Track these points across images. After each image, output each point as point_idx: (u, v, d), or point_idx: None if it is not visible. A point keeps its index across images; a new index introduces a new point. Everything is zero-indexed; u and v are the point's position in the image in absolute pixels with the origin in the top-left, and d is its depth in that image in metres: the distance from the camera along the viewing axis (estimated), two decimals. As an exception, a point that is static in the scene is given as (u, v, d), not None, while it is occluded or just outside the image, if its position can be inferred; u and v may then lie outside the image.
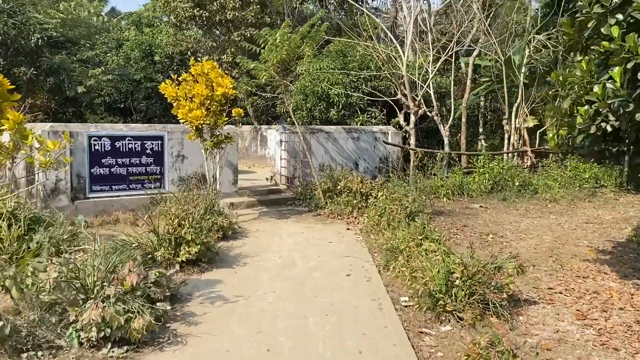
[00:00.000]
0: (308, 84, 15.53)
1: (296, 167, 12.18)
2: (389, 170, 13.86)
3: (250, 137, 19.30)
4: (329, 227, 9.67)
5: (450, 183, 13.93)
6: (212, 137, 9.41)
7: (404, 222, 8.40)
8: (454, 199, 13.32)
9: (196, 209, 7.64)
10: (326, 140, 12.72)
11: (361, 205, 10.52)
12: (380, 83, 15.72)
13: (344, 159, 13.06)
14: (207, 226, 7.93)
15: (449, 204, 12.66)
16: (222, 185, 11.14)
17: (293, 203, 11.67)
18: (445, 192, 13.30)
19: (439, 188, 13.53)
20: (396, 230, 8.03)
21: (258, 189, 11.93)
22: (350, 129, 13.35)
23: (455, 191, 13.87)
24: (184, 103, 9.11)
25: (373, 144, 13.62)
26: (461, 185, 14.12)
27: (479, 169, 14.83)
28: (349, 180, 10.94)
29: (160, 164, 10.41)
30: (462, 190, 14.04)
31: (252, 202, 11.21)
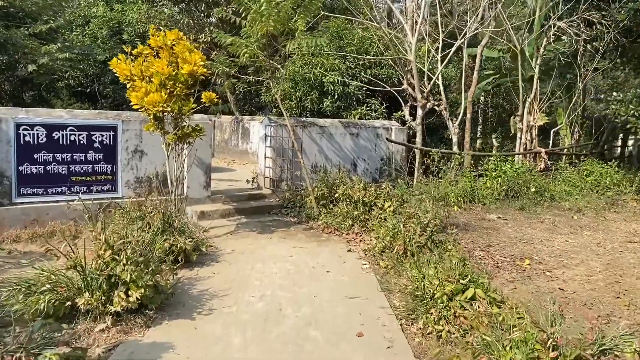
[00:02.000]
0: (299, 69, 13.39)
1: (283, 167, 10.09)
2: (392, 172, 11.85)
3: (231, 129, 17.13)
4: (325, 246, 7.61)
5: (460, 188, 11.99)
6: (176, 128, 7.27)
7: (426, 248, 6.39)
8: (465, 207, 11.38)
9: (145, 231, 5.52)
10: (320, 136, 10.65)
11: (364, 217, 8.49)
12: (382, 71, 13.66)
13: (340, 158, 11.00)
14: (162, 251, 5.81)
15: (461, 214, 10.71)
16: (191, 189, 9.01)
17: (279, 212, 9.58)
18: (456, 198, 11.39)
19: (448, 194, 11.62)
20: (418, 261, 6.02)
21: (236, 194, 9.81)
22: (349, 123, 11.28)
23: (466, 197, 11.94)
24: (139, 84, 6.95)
25: (374, 142, 11.59)
26: (472, 190, 12.19)
27: (491, 172, 12.92)
28: (348, 186, 8.89)
29: (112, 161, 8.24)
30: (474, 197, 12.12)
31: (229, 210, 9.09)
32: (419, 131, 11.93)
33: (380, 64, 13.92)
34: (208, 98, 7.10)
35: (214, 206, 9.12)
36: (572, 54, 15.85)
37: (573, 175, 14.26)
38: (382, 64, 13.88)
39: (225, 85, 9.57)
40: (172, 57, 7.15)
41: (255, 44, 8.56)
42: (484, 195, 12.30)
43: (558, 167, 15.03)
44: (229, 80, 8.98)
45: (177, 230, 6.48)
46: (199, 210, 8.76)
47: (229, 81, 9.05)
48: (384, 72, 13.61)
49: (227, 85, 9.51)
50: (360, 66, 13.58)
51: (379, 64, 13.90)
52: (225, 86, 9.57)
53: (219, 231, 8.22)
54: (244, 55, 8.07)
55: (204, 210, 8.80)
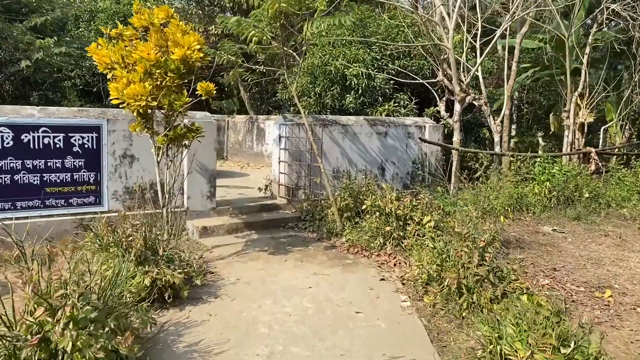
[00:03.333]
0: (318, 62, 11.93)
1: (300, 173, 8.64)
2: (425, 177, 10.31)
3: (245, 130, 15.76)
4: (352, 272, 6.13)
5: (505, 195, 10.39)
6: (168, 128, 5.87)
7: (487, 282, 4.87)
8: (512, 217, 9.80)
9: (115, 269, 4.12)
10: (342, 136, 9.17)
11: (397, 234, 6.99)
12: (411, 62, 12.12)
13: (366, 162, 9.50)
14: (138, 290, 4.42)
15: (510, 226, 9.15)
16: (192, 200, 7.62)
17: (296, 226, 8.13)
18: (502, 207, 9.83)
19: (493, 202, 10.07)
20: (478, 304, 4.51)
21: (247, 204, 8.39)
22: (375, 121, 9.78)
23: (513, 206, 10.35)
24: (120, 73, 5.58)
25: (405, 142, 10.06)
26: (520, 197, 10.59)
27: (539, 176, 11.28)
28: (378, 196, 7.39)
29: (95, 168, 6.89)
30: (521, 205, 10.53)
31: (237, 224, 7.67)
32: (457, 129, 10.36)
33: (410, 54, 12.38)
34: (204, 89, 5.68)
35: (220, 220, 7.71)
36: (626, 42, 14.09)
37: (628, 177, 12.56)
38: (412, 54, 12.34)
39: (231, 76, 8.05)
40: (162, 40, 5.76)
41: (267, 27, 7.13)
42: (532, 203, 10.70)
43: (609, 168, 13.31)
44: (234, 71, 7.50)
45: (165, 257, 5.07)
46: (200, 226, 7.36)
47: (234, 71, 7.57)
48: (414, 63, 12.07)
49: (233, 76, 8.00)
50: (387, 57, 12.06)
51: (408, 54, 12.36)
52: (230, 77, 8.05)
53: (224, 251, 6.81)
54: (251, 38, 6.62)
55: (207, 226, 7.39)
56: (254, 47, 7.44)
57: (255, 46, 7.40)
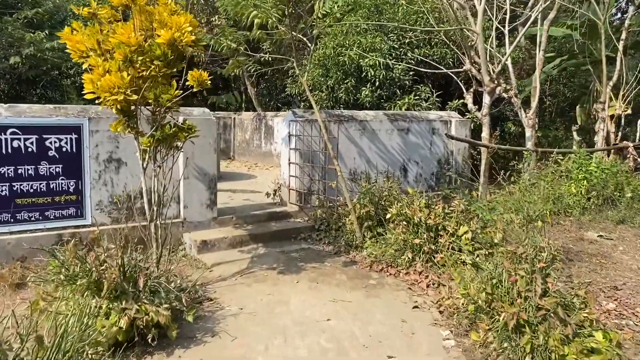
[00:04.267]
0: (330, 52, 10.90)
1: (314, 176, 7.62)
2: (452, 178, 9.25)
3: (252, 128, 14.78)
4: (378, 297, 5.12)
5: (541, 197, 9.31)
6: (154, 127, 4.89)
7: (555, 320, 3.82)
8: (550, 221, 8.71)
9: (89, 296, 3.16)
10: (360, 134, 8.14)
11: (428, 248, 5.96)
12: (432, 51, 11.03)
13: (386, 162, 8.46)
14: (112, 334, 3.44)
15: (549, 231, 8.10)
16: (189, 210, 6.64)
17: (309, 237, 7.12)
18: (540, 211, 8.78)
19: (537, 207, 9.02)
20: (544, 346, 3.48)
21: (253, 212, 7.39)
22: (396, 116, 8.73)
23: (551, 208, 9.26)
24: (96, 61, 4.60)
25: (429, 139, 9.00)
26: (557, 198, 9.51)
27: (576, 175, 10.18)
28: (405, 203, 6.36)
29: (75, 175, 5.93)
30: (559, 207, 9.46)
31: (241, 237, 6.68)
32: (486, 123, 9.27)
33: (430, 42, 11.29)
34: (196, 79, 4.68)
35: (222, 232, 6.73)
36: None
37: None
38: (433, 42, 11.26)
39: (230, 66, 6.96)
40: (147, 22, 4.77)
41: (273, 9, 6.12)
42: (570, 205, 9.62)
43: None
44: (235, 59, 6.46)
45: (148, 289, 4.08)
46: (199, 240, 6.38)
47: (234, 60, 6.53)
48: (436, 51, 10.98)
49: (233, 66, 6.91)
50: (405, 46, 10.98)
51: (428, 43, 11.28)
52: (230, 66, 6.96)
53: (226, 270, 5.83)
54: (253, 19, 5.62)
55: (206, 239, 6.41)
56: (257, 33, 6.43)
57: (259, 32, 6.38)
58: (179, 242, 6.61)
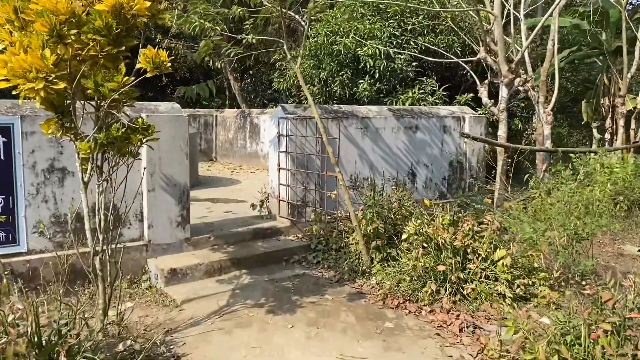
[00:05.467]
0: (323, 41, 9.64)
1: (308, 184, 6.35)
2: (466, 183, 8.06)
3: (236, 127, 13.46)
4: (400, 351, 3.86)
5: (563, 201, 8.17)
6: (96, 127, 3.58)
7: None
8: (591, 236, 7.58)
9: None
10: (361, 133, 6.89)
11: (456, 276, 4.74)
12: (438, 39, 9.81)
13: (391, 166, 7.23)
14: None
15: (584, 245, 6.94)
16: (155, 230, 5.33)
17: (304, 259, 5.85)
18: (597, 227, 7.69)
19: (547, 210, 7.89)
20: None
21: (235, 230, 6.10)
22: (403, 113, 7.49)
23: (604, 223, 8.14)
24: (8, 36, 3.29)
25: (440, 138, 7.79)
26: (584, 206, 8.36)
27: (602, 177, 9.04)
28: (424, 219, 5.12)
29: (4, 189, 4.60)
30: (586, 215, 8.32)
31: (220, 262, 5.39)
32: (503, 120, 8.10)
33: (435, 29, 10.08)
34: (150, 59, 3.36)
35: (196, 256, 5.43)
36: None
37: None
38: (438, 29, 10.04)
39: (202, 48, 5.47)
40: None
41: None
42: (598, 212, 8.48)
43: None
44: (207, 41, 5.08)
45: None
46: (167, 268, 5.09)
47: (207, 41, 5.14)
48: (442, 39, 9.76)
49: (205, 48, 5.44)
50: (407, 33, 9.75)
51: (432, 30, 10.06)
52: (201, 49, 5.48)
53: (200, 308, 4.55)
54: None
55: (176, 268, 5.12)
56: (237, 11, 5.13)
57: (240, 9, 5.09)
58: (142, 271, 5.31)
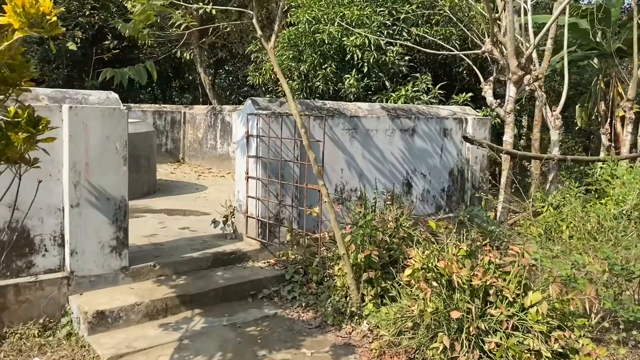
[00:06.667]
0: (304, 29, 8.43)
1: (284, 197, 5.10)
2: (466, 195, 6.95)
3: (206, 125, 12.16)
4: None
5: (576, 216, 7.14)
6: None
7: None
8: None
9: None
10: (349, 135, 5.70)
11: (475, 327, 3.58)
12: (434, 30, 8.69)
13: (384, 175, 6.06)
14: None
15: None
16: (80, 258, 4.05)
17: (277, 294, 4.60)
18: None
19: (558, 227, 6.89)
20: None
21: (188, 255, 4.82)
22: (398, 112, 6.32)
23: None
24: None
25: (439, 143, 6.65)
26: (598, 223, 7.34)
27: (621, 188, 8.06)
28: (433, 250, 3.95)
29: None
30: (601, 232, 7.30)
31: (166, 299, 4.13)
32: (510, 123, 7.01)
33: (430, 19, 8.96)
34: (22, 9, 2.09)
35: (134, 292, 4.16)
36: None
37: None
38: (434, 19, 8.93)
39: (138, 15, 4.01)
40: None
41: None
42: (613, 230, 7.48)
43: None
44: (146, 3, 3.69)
45: None
46: (92, 310, 3.80)
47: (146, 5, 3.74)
48: (438, 31, 8.64)
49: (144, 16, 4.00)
50: (399, 22, 8.61)
51: (428, 20, 8.94)
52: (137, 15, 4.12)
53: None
54: None
55: (105, 310, 3.84)
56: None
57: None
58: (62, 311, 4.02)
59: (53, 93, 4.05)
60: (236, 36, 12.12)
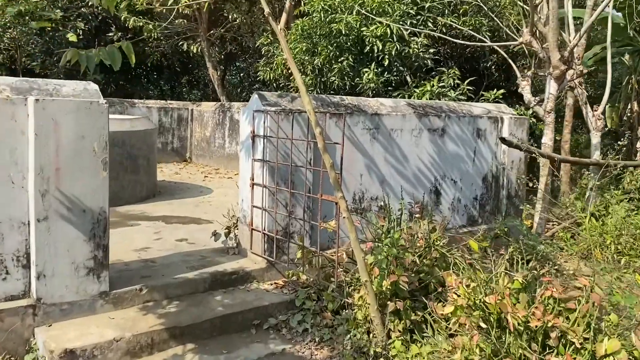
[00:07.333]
0: (318, 19, 7.70)
1: (294, 207, 4.37)
2: (500, 203, 6.17)
3: (214, 122, 11.48)
4: None
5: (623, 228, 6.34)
6: None
7: None
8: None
9: None
10: (370, 136, 4.95)
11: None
12: (463, 20, 7.91)
13: (408, 181, 5.31)
14: None
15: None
16: (50, 281, 3.36)
17: (285, 325, 3.87)
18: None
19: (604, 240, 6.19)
20: None
21: (181, 276, 4.10)
22: (426, 109, 5.56)
23: None
24: None
25: (472, 146, 5.88)
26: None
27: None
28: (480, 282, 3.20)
29: None
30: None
31: (151, 333, 3.42)
32: (550, 124, 6.23)
33: (458, 9, 8.18)
34: None
35: (114, 323, 3.46)
36: None
37: None
38: (462, 9, 8.14)
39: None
40: None
41: None
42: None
43: None
44: None
45: None
46: (61, 348, 3.11)
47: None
48: (466, 21, 7.86)
49: None
50: (424, 12, 7.83)
51: (455, 10, 8.16)
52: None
53: None
54: None
55: (74, 349, 3.14)
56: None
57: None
58: (26, 347, 3.33)
59: (17, 83, 3.37)
60: (247, 28, 11.41)
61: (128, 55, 2.73)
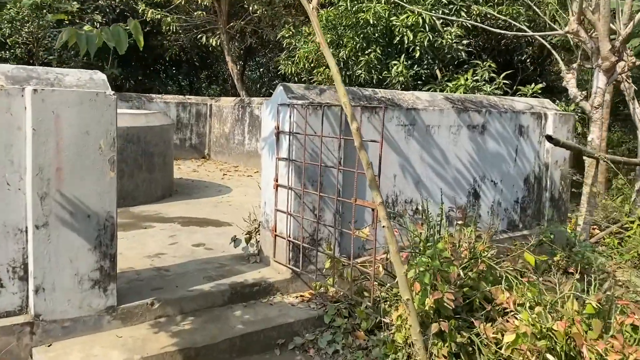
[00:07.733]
0: (344, 7, 7.25)
1: (322, 211, 3.94)
2: (543, 207, 5.66)
3: (233, 118, 11.11)
4: None
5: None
6: None
7: None
8: None
9: None
10: (405, 133, 4.49)
11: None
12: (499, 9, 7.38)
13: (446, 182, 4.84)
14: None
15: None
16: (50, 295, 2.97)
17: (313, 345, 3.45)
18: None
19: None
20: None
21: (197, 288, 3.70)
22: (465, 104, 5.08)
23: None
24: None
25: (514, 144, 5.38)
26: None
27: None
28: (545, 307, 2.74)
29: None
30: None
31: (164, 354, 3.03)
32: (597, 121, 5.71)
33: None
34: None
35: (122, 343, 3.07)
36: None
37: None
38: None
39: None
40: None
41: None
42: None
43: None
44: None
45: None
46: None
47: None
48: (502, 10, 7.33)
49: None
50: (457, 0, 7.32)
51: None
52: None
53: None
54: None
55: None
56: None
57: None
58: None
59: (14, 71, 2.99)
60: (267, 21, 11.01)
61: (135, 36, 2.34)
